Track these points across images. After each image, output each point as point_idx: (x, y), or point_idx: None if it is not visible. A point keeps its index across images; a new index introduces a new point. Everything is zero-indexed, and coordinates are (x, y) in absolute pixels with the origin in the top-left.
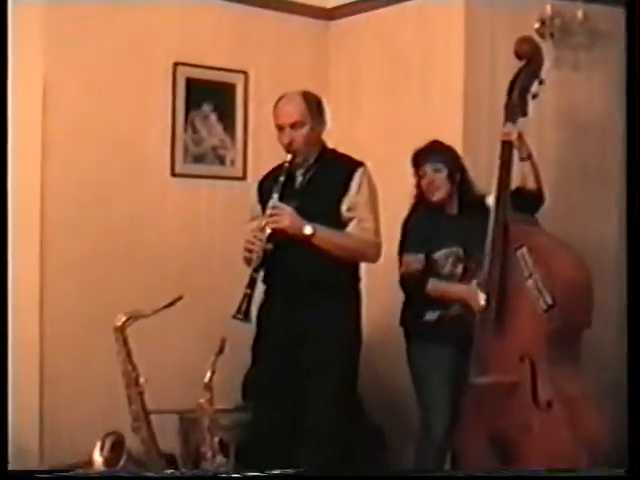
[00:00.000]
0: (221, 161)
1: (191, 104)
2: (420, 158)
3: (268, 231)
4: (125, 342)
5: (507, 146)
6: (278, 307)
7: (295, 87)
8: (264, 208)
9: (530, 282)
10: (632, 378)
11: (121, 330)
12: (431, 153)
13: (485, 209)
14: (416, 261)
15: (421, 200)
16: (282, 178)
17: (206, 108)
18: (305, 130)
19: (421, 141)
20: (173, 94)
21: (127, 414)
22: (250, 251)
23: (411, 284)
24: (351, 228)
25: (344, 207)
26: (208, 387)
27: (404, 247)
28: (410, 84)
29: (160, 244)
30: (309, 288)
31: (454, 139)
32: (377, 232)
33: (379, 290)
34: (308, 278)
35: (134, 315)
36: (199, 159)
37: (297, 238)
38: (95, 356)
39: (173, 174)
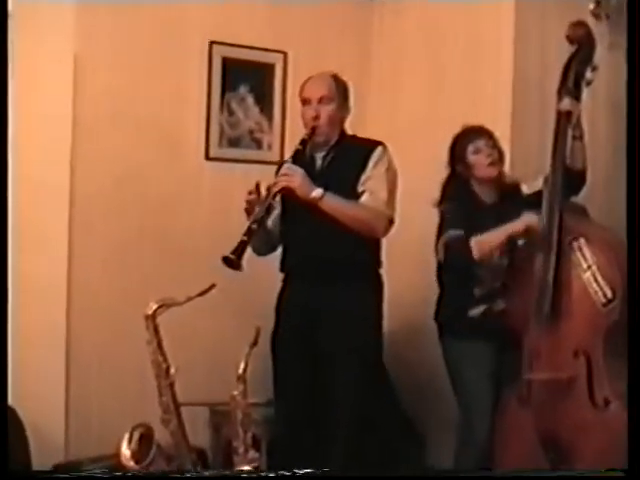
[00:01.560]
0: (258, 145)
1: (227, 85)
2: (473, 134)
3: (276, 190)
4: (156, 331)
5: (563, 121)
6: (296, 292)
7: (336, 69)
8: (285, 203)
9: (588, 275)
10: (632, 378)
11: (152, 318)
12: (482, 131)
13: (521, 197)
14: (456, 233)
15: (459, 184)
16: (299, 146)
17: (243, 89)
18: (332, 107)
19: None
20: (209, 74)
21: (156, 406)
22: (251, 202)
23: (454, 251)
24: (363, 199)
25: (359, 182)
26: (241, 379)
27: (441, 229)
28: (456, 69)
29: (193, 230)
30: (327, 269)
31: (502, 127)
32: (389, 205)
33: (407, 278)
34: (326, 259)
35: (166, 303)
36: (235, 142)
37: (305, 201)
38: (124, 345)
39: (207, 158)
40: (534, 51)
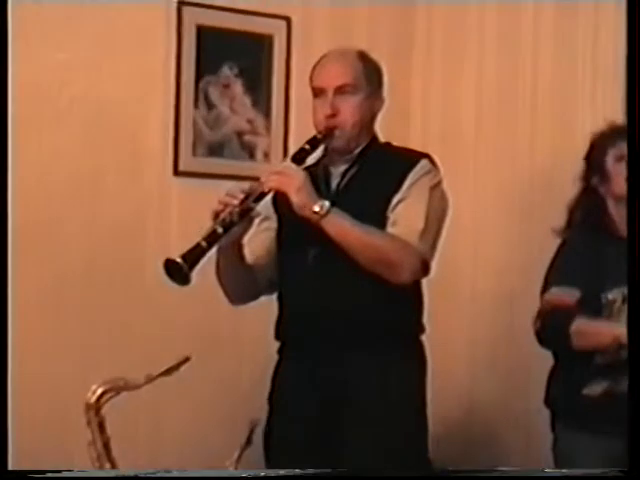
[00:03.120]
0: (249, 153)
1: (205, 66)
2: (619, 134)
3: (261, 190)
4: (101, 427)
5: None
6: (298, 370)
7: (363, 44)
8: (281, 220)
9: None
10: (632, 377)
11: (95, 409)
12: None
13: None
14: (567, 295)
15: (592, 205)
16: (307, 146)
17: (227, 72)
18: (356, 100)
19: (550, 116)
20: (178, 50)
21: None
22: (225, 205)
23: (551, 325)
24: (389, 225)
25: (391, 205)
26: None
27: (550, 279)
28: (546, 51)
29: (158, 273)
30: (345, 335)
31: None
32: (425, 239)
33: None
34: (343, 319)
35: (116, 386)
36: (216, 150)
37: (303, 218)
38: (51, 447)
39: (176, 172)
40: None
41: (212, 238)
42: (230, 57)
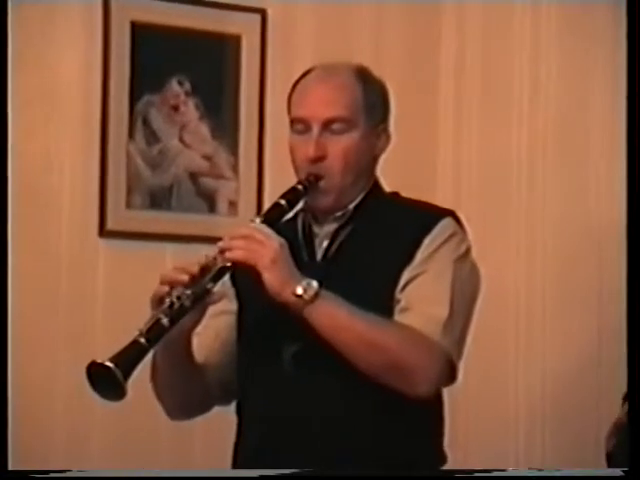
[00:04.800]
0: (209, 202)
1: (143, 80)
2: None
3: (221, 265)
4: None
5: None
6: None
7: (364, 54)
8: (242, 300)
9: None
10: (632, 378)
11: None
12: None
13: None
14: None
15: None
16: (282, 202)
17: (176, 88)
18: (353, 138)
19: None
20: (104, 57)
21: None
22: (171, 284)
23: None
24: (399, 311)
25: (398, 285)
26: None
27: None
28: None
29: (75, 379)
30: (336, 471)
31: None
32: (450, 332)
33: None
34: (334, 449)
35: None
36: (160, 199)
37: (281, 303)
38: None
39: (102, 232)
40: None
41: (154, 333)
42: (180, 68)
